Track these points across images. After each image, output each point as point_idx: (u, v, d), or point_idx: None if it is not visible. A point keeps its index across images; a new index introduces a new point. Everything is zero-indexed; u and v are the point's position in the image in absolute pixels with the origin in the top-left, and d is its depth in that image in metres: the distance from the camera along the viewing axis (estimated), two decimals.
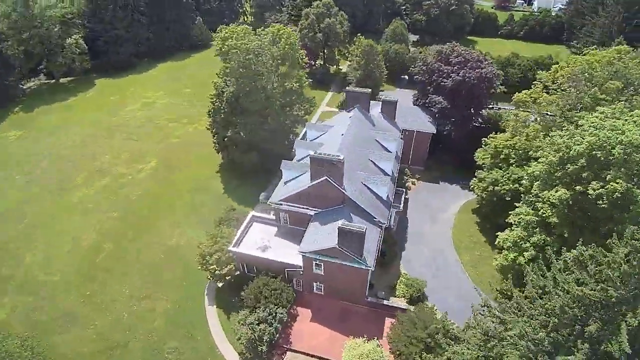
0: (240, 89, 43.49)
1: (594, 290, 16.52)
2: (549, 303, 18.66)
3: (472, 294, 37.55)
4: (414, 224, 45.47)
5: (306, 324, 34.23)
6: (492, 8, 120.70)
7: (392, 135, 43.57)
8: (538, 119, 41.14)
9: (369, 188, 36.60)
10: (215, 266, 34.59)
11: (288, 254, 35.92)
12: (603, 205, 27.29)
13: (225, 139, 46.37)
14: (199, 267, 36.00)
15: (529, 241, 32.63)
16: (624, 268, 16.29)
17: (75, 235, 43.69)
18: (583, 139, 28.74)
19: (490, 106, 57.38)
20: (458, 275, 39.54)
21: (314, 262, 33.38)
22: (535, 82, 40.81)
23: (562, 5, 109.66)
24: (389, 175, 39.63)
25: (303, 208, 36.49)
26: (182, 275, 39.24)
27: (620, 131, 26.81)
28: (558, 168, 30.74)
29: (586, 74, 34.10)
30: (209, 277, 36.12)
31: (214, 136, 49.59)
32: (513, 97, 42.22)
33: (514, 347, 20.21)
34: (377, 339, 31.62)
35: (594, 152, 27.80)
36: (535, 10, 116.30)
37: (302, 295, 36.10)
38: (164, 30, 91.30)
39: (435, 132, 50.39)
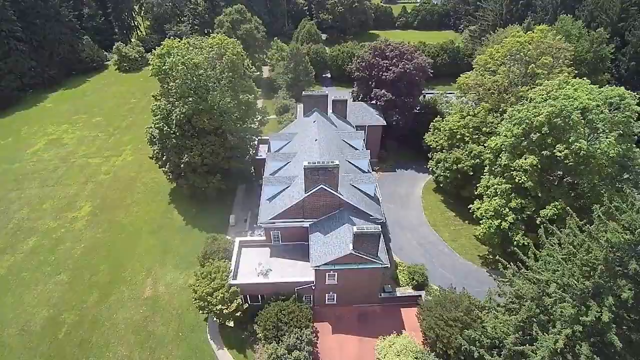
0: (192, 108, 39.83)
1: (635, 234, 19.30)
2: (589, 255, 21.13)
3: (464, 266, 40.57)
4: (390, 212, 47.06)
5: (330, 337, 33.23)
6: (381, 3, 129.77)
7: (356, 134, 44.35)
8: (477, 98, 45.64)
9: (357, 188, 36.78)
10: (220, 305, 31.39)
11: (293, 272, 34.39)
12: (570, 164, 31.70)
13: (182, 165, 42.11)
14: (201, 312, 32.33)
15: (508, 207, 36.28)
16: None
17: (21, 314, 35.59)
18: (541, 110, 32.86)
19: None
20: (445, 252, 42.16)
21: (327, 274, 32.47)
22: (474, 66, 45.11)
23: None
24: (366, 172, 40.39)
25: (298, 221, 35.15)
26: (175, 326, 34.73)
27: (572, 99, 31.28)
28: (523, 138, 34.68)
29: (521, 53, 39.09)
30: (214, 319, 32.62)
31: (165, 164, 44.62)
32: (457, 79, 46.17)
33: (562, 301, 22.36)
34: (404, 331, 32.30)
35: (554, 120, 31.99)
36: (418, 1, 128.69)
37: (314, 310, 34.82)
38: (48, 55, 78.60)
39: (385, 124, 52.64)
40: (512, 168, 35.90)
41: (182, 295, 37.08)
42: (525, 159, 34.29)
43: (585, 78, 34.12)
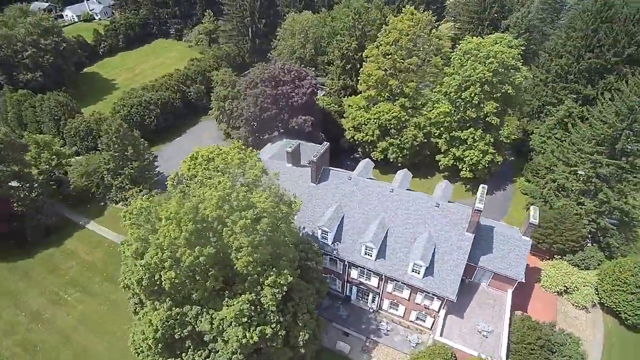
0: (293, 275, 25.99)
1: None
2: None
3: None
4: None
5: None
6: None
7: (365, 164, 41.88)
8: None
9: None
10: None
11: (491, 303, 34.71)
12: (512, 94, 45.62)
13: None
14: None
15: (487, 144, 47.75)
16: None
17: None
18: (484, 68, 43.81)
19: None
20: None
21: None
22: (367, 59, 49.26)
23: (109, 4, 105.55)
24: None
25: None
26: None
27: (500, 52, 43.69)
28: (482, 94, 45.29)
29: (422, 33, 46.90)
30: None
31: None
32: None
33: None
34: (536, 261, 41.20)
35: (500, 70, 44.02)
36: (70, 19, 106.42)
37: None
38: None
39: (329, 143, 50.22)
40: (480, 117, 46.80)
41: None
42: (488, 107, 45.71)
43: None
